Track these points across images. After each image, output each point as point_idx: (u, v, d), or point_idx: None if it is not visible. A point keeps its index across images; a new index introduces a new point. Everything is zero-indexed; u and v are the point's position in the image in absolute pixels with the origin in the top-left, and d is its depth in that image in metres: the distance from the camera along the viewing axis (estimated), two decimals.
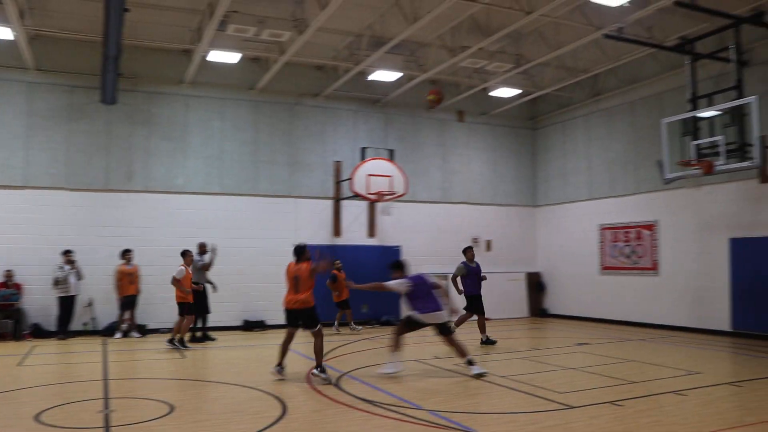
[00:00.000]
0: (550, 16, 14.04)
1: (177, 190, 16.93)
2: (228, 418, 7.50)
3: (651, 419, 7.32)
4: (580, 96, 19.87)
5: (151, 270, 16.08)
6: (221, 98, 17.60)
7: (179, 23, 15.26)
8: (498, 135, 21.47)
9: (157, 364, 11.76)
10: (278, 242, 17.71)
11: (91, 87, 15.93)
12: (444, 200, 20.38)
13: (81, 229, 15.86)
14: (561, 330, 17.25)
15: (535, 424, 7.07)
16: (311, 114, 18.64)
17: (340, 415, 7.59)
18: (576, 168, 20.32)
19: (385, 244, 19.22)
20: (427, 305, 10.11)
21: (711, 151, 13.35)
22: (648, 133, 17.47)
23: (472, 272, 14.05)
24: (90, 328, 15.68)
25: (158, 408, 7.85)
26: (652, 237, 17.46)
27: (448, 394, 8.81)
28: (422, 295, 10.19)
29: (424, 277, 10.48)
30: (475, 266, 14.18)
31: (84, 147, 16.09)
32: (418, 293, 10.18)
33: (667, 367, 10.89)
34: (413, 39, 15.93)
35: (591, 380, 9.81)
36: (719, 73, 14.68)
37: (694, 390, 8.93)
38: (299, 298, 9.90)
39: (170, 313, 16.36)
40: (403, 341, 10.35)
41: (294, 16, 14.25)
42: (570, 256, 20.37)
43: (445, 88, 19.80)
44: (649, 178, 17.37)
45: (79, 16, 14.61)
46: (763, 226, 14.69)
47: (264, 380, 9.72)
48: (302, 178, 18.38)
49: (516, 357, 12.41)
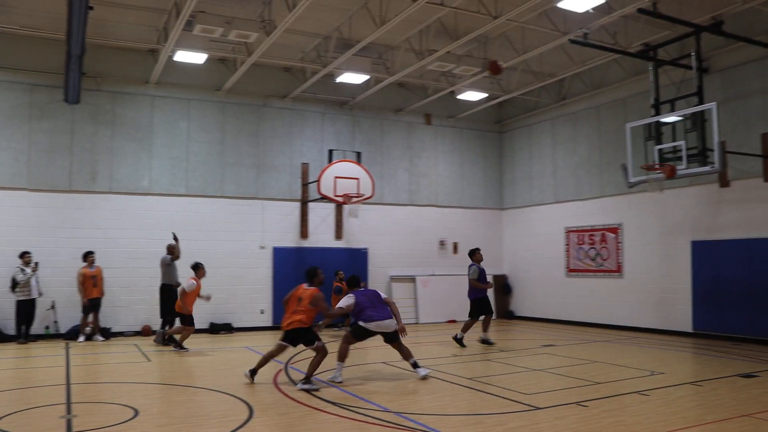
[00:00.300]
0: (517, 20, 14.19)
1: (142, 192, 16.71)
2: (194, 422, 7.42)
3: (615, 419, 7.42)
4: (547, 100, 20.11)
5: (116, 273, 15.87)
6: (187, 99, 17.42)
7: (145, 22, 15.07)
8: (465, 138, 21.61)
9: (122, 368, 11.59)
10: (245, 245, 17.64)
11: (54, 86, 15.66)
12: (411, 203, 20.45)
13: (43, 231, 15.55)
14: (527, 332, 17.41)
15: (501, 425, 7.12)
16: (278, 116, 18.56)
17: (307, 418, 7.56)
18: (542, 171, 20.55)
19: (352, 246, 19.21)
20: (374, 315, 10.05)
21: (673, 155, 13.61)
22: (612, 138, 17.76)
23: (483, 274, 14.18)
24: (52, 331, 15.39)
25: (122, 413, 7.73)
26: (616, 240, 17.72)
27: (415, 396, 8.83)
28: (369, 305, 10.13)
29: (371, 290, 10.47)
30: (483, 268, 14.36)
31: (46, 147, 15.79)
32: (365, 304, 10.11)
33: (631, 367, 11.06)
34: (381, 42, 15.97)
35: (557, 381, 9.92)
36: (681, 80, 14.97)
37: (656, 390, 9.08)
38: (296, 318, 9.53)
39: (135, 317, 16.22)
40: (349, 351, 10.16)
41: (262, 17, 14.18)
42: (536, 259, 20.58)
43: (413, 91, 19.92)
44: (614, 182, 17.67)
45: (42, 13, 14.34)
46: (722, 229, 15.02)
47: (231, 384, 9.63)
48: (269, 180, 18.28)
49: (483, 358, 12.49)
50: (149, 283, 16.00)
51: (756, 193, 14.51)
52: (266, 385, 9.54)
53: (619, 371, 10.74)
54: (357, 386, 9.48)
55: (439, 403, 8.39)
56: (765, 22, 14.26)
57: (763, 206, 14.37)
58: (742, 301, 14.40)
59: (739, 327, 14.47)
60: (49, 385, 9.58)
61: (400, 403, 8.33)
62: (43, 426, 7.24)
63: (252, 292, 17.55)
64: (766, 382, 9.75)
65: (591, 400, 8.34)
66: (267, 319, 17.60)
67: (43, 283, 14.93)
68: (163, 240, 15.21)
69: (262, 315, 17.67)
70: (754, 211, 14.53)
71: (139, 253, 16.28)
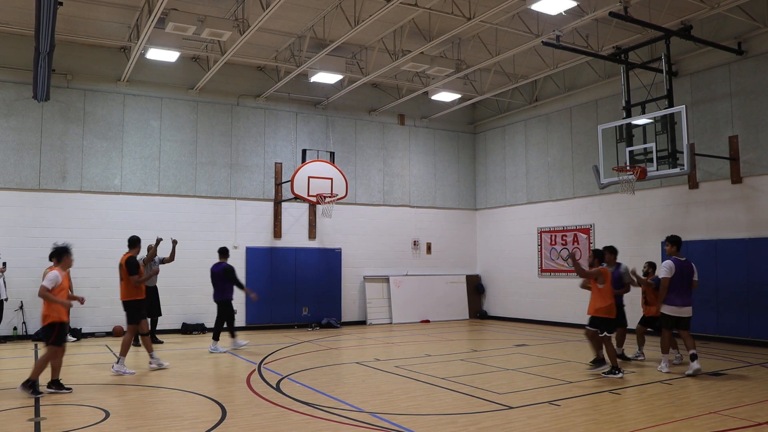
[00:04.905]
0: (490, 22, 14.29)
1: (113, 191, 16.51)
2: (166, 423, 7.35)
3: (587, 418, 7.51)
4: (520, 101, 20.27)
5: (86, 273, 15.65)
6: (159, 97, 17.25)
7: (116, 19, 14.90)
8: (438, 139, 21.69)
9: (93, 369, 11.43)
10: (218, 245, 17.40)
11: (23, 82, 15.42)
12: (384, 203, 20.46)
13: (11, 230, 15.28)
14: (500, 332, 17.52)
15: (475, 425, 7.16)
16: (252, 115, 18.46)
17: (281, 419, 7.53)
18: (515, 172, 20.70)
19: (325, 246, 19.18)
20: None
21: (644, 157, 13.83)
22: (584, 139, 17.98)
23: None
24: (20, 332, 15.14)
25: (93, 414, 7.64)
26: (588, 240, 17.91)
27: (389, 396, 8.83)
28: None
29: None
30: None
31: (14, 145, 15.52)
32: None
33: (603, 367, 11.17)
34: (355, 42, 15.98)
35: (529, 381, 10.00)
36: (651, 83, 15.22)
37: (628, 389, 9.20)
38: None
39: (106, 317, 16.02)
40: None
41: (235, 16, 14.11)
42: (509, 259, 20.72)
43: (387, 92, 19.95)
44: (586, 183, 17.88)
45: (10, 7, 14.10)
46: (691, 230, 15.26)
47: (203, 384, 9.56)
48: (242, 179, 18.18)
49: (456, 358, 12.53)
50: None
51: (723, 194, 14.78)
52: (240, 386, 9.49)
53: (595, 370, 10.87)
54: (330, 386, 9.46)
55: (412, 403, 8.40)
56: (732, 28, 14.53)
57: (729, 208, 14.64)
58: (708, 301, 14.64)
59: (706, 326, 14.69)
60: (17, 388, 9.41)
61: (374, 403, 8.33)
62: (11, 429, 7.11)
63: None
64: (732, 381, 9.92)
65: (563, 399, 8.43)
66: (240, 319, 17.47)
67: (10, 284, 14.68)
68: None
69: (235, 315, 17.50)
70: (721, 213, 14.79)
71: (110, 253, 16.03)
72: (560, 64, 16.78)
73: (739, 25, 14.32)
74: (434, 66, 16.11)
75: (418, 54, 15.43)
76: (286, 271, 18.17)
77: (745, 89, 14.47)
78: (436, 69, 16.23)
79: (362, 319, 19.55)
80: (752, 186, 14.30)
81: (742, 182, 14.45)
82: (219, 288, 13.88)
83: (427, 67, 16.12)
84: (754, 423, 7.18)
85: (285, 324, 17.97)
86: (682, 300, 10.54)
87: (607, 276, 10.41)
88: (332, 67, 16.32)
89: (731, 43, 14.48)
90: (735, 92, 14.66)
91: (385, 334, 16.86)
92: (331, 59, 16.09)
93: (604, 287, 10.35)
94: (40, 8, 10.63)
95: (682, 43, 14.97)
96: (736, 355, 12.65)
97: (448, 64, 16.30)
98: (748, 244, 14.20)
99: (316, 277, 18.78)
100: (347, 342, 15.23)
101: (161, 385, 9.74)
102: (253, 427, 7.14)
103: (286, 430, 7.05)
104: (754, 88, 14.33)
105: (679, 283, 10.51)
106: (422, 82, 18.35)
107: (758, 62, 14.28)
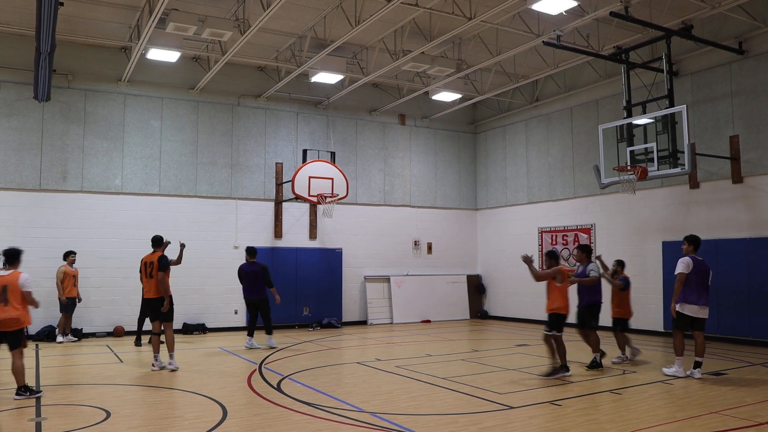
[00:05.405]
0: (491, 22, 14.28)
1: (114, 191, 16.51)
2: (167, 423, 7.35)
3: (588, 418, 7.50)
4: (520, 101, 20.27)
5: (87, 273, 15.65)
6: (160, 97, 17.25)
7: (117, 19, 14.91)
8: (439, 138, 21.69)
9: (93, 369, 11.44)
10: (218, 245, 17.52)
11: (23, 83, 15.43)
12: (385, 203, 20.46)
13: (11, 231, 15.24)
14: (501, 331, 17.51)
15: (475, 425, 7.16)
16: (252, 115, 18.46)
17: (282, 419, 7.53)
18: (516, 172, 20.69)
19: (326, 246, 19.17)
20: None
21: (645, 157, 13.82)
22: (585, 139, 17.97)
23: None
24: None
25: (94, 414, 7.64)
26: (588, 240, 17.90)
27: (390, 396, 8.83)
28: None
29: None
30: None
31: (15, 145, 15.52)
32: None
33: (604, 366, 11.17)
34: (356, 42, 15.98)
35: (530, 381, 9.99)
36: (652, 82, 15.20)
37: (628, 389, 9.20)
38: None
39: (107, 317, 16.03)
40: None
41: (236, 16, 14.10)
42: (510, 259, 20.68)
43: (387, 92, 19.95)
44: (586, 183, 17.88)
45: (10, 8, 14.10)
46: (692, 229, 15.17)
47: (203, 384, 9.56)
48: (243, 179, 18.17)
49: (457, 358, 12.53)
50: (121, 283, 15.89)
51: (724, 194, 14.77)
52: (240, 386, 9.49)
53: (592, 371, 10.86)
54: (331, 386, 9.46)
55: (413, 403, 8.40)
56: (732, 27, 14.53)
57: (730, 207, 14.63)
58: (710, 301, 14.59)
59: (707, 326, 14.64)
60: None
61: (375, 403, 8.33)
62: (12, 429, 7.12)
63: (225, 293, 17.40)
64: (733, 381, 9.92)
65: (564, 399, 8.43)
66: (240, 320, 17.48)
67: None
68: (135, 240, 15.05)
69: (236, 315, 17.55)
70: (722, 213, 14.79)
71: (110, 254, 16.09)
72: (561, 63, 16.78)
73: (740, 24, 14.31)
74: (435, 66, 16.11)
75: (419, 54, 15.42)
76: (286, 272, 18.16)
77: (746, 89, 14.47)
78: (437, 69, 16.23)
79: (363, 319, 19.55)
80: (753, 186, 14.29)
81: (742, 182, 14.44)
82: (257, 287, 13.95)
83: (427, 67, 16.12)
84: (756, 423, 7.17)
85: (286, 324, 17.96)
86: (702, 300, 10.38)
87: (564, 274, 10.51)
88: (333, 67, 16.32)
89: (732, 43, 14.47)
90: (736, 92, 14.66)
91: (385, 334, 16.86)
92: (331, 59, 16.09)
93: (562, 286, 10.44)
94: (41, 8, 10.64)
95: (682, 42, 14.97)
96: (737, 355, 12.65)
97: (449, 64, 16.30)
98: (749, 243, 14.19)
99: (317, 277, 18.78)
100: (348, 342, 15.23)
101: (162, 385, 9.74)
102: (254, 427, 7.14)
103: (287, 430, 7.05)
104: (755, 87, 14.32)
105: (697, 283, 10.40)
106: (423, 82, 18.35)
107: (759, 62, 14.28)
